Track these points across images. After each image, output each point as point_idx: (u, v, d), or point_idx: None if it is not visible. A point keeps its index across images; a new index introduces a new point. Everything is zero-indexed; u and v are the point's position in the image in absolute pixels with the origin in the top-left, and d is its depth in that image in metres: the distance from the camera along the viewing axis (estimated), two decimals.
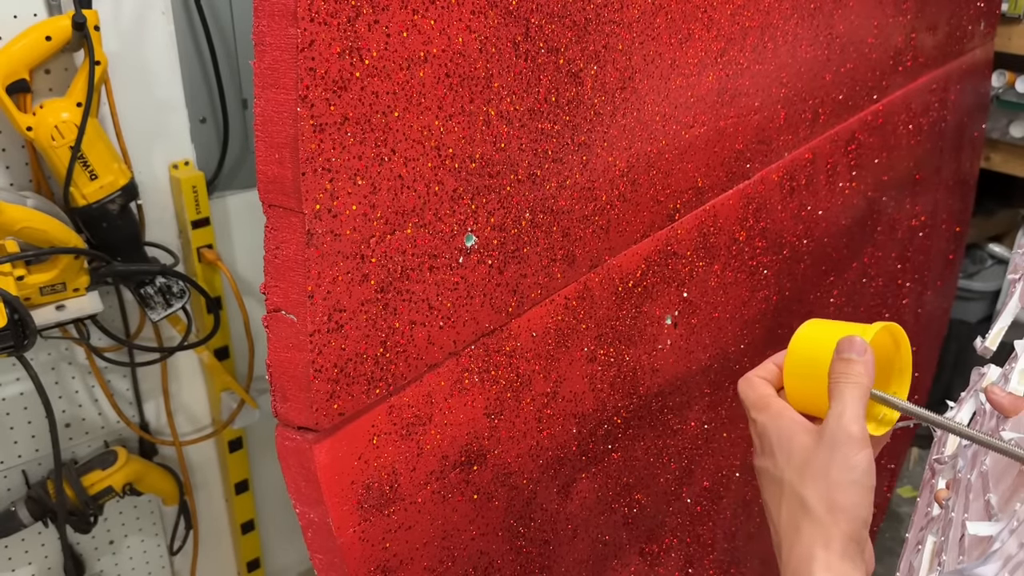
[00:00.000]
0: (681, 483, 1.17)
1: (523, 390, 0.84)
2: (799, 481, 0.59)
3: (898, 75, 1.53)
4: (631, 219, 0.94)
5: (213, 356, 1.56)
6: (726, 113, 1.05)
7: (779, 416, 0.63)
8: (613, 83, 0.84)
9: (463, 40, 0.66)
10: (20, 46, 1.16)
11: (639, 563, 1.12)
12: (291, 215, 0.59)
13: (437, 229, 0.69)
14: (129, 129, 1.34)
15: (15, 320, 1.13)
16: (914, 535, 0.87)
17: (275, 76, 0.56)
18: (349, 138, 0.59)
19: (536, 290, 0.83)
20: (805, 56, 1.20)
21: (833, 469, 0.58)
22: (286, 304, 0.62)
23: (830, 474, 0.58)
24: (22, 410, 1.39)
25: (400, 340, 0.69)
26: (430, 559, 0.78)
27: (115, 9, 1.29)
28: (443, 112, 0.66)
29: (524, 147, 0.75)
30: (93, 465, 1.42)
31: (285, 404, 0.65)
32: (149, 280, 1.36)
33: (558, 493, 0.93)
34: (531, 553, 0.91)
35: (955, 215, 2.08)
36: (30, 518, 1.37)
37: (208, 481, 1.71)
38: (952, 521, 0.71)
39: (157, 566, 1.66)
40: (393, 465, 0.71)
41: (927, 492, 0.89)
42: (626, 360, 0.99)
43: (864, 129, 1.45)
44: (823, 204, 1.38)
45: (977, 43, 1.91)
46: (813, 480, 0.58)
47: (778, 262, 1.28)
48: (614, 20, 0.82)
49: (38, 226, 1.20)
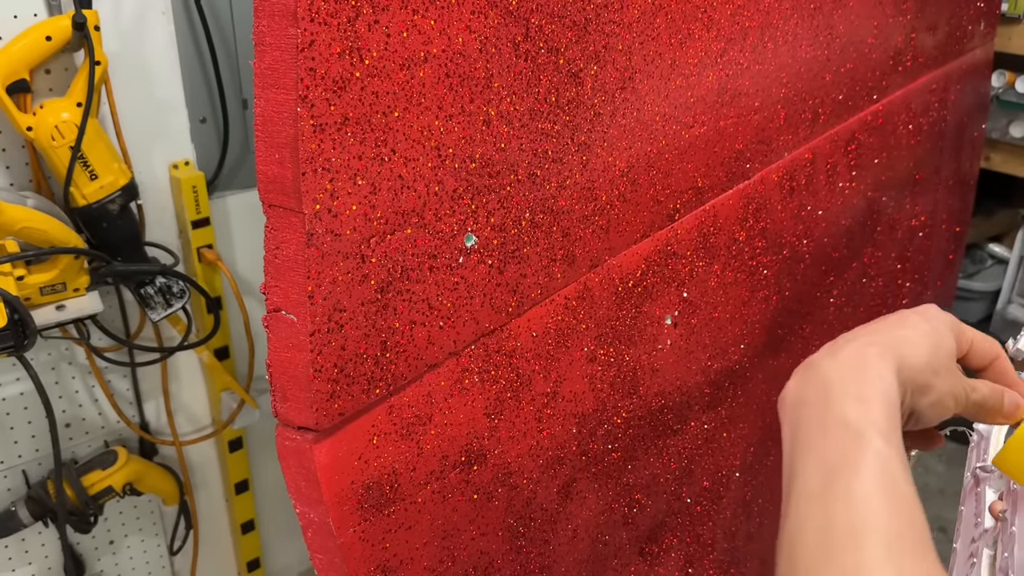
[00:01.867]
0: (681, 483, 1.17)
1: (523, 390, 0.84)
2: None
3: (898, 75, 1.53)
4: (631, 219, 0.94)
5: (213, 356, 1.56)
6: (726, 113, 1.05)
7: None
8: (613, 83, 0.84)
9: (463, 40, 0.66)
10: (20, 46, 1.16)
11: (639, 563, 1.12)
12: (291, 215, 0.59)
13: (437, 229, 0.69)
14: (129, 129, 1.34)
15: (15, 320, 1.13)
16: (964, 547, 0.85)
17: (275, 76, 0.56)
18: (349, 138, 0.59)
19: (536, 290, 0.83)
20: (805, 56, 1.20)
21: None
22: (286, 304, 0.62)
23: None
24: (22, 410, 1.39)
25: (400, 340, 0.69)
26: (430, 559, 0.78)
27: (115, 9, 1.29)
28: (443, 112, 0.66)
29: (524, 147, 0.75)
30: (93, 465, 1.42)
31: (285, 404, 0.65)
32: (149, 280, 1.36)
33: (558, 493, 0.93)
34: (531, 553, 0.91)
35: (955, 215, 2.08)
36: (30, 518, 1.37)
37: (208, 481, 1.71)
38: (1014, 536, 0.70)
39: (157, 566, 1.66)
40: (393, 465, 0.71)
41: (972, 500, 0.87)
42: (626, 360, 0.99)
43: (864, 129, 1.45)
44: (823, 204, 1.38)
45: (977, 43, 1.91)
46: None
47: (778, 262, 1.28)
48: (614, 20, 0.82)
49: (38, 226, 1.20)
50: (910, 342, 0.54)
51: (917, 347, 0.53)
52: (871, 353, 0.52)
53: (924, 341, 0.54)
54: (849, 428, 0.48)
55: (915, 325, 0.55)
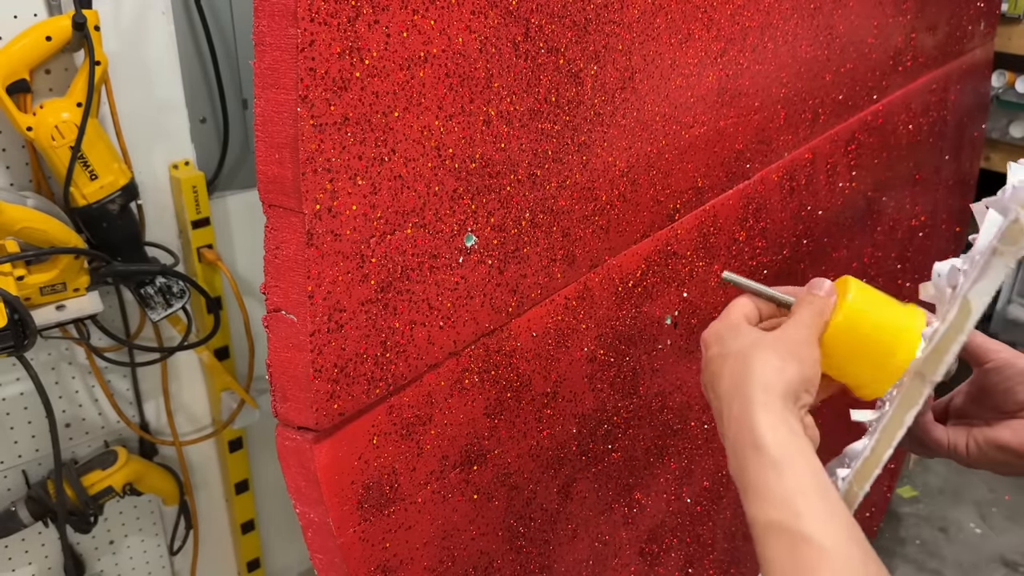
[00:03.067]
0: (681, 483, 1.17)
1: (523, 390, 0.84)
2: (747, 348, 0.61)
3: (898, 75, 1.53)
4: (631, 219, 0.94)
5: (213, 356, 1.56)
6: (726, 113, 1.05)
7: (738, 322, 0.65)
8: (613, 83, 0.84)
9: (463, 40, 0.66)
10: (20, 46, 1.16)
11: (639, 563, 1.12)
12: (291, 215, 0.59)
13: (437, 229, 0.69)
14: (129, 129, 1.33)
15: (15, 320, 1.12)
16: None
17: (275, 76, 0.56)
18: (349, 138, 0.59)
19: (536, 290, 0.83)
20: (805, 56, 1.20)
21: (782, 342, 0.60)
22: (286, 304, 0.62)
23: (777, 344, 0.60)
24: (22, 410, 1.39)
25: (400, 340, 0.69)
26: (430, 559, 0.78)
27: (115, 9, 1.29)
28: (443, 112, 0.66)
29: (524, 147, 0.75)
30: (93, 465, 1.42)
31: (285, 404, 0.65)
32: (149, 280, 1.36)
33: (558, 493, 0.93)
34: (531, 553, 0.91)
35: (955, 215, 2.08)
36: (30, 518, 1.37)
37: (208, 481, 1.71)
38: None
39: (157, 566, 1.66)
40: (393, 465, 0.71)
41: None
42: (626, 360, 0.99)
43: (864, 129, 1.45)
44: (823, 204, 1.38)
45: (977, 43, 1.91)
46: (758, 347, 0.60)
47: (778, 262, 1.28)
48: (614, 20, 0.82)
49: (38, 226, 1.20)
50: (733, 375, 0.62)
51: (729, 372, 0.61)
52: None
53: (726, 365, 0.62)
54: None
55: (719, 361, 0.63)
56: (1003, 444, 0.65)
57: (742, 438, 0.56)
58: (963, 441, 0.67)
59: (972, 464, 0.68)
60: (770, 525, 0.53)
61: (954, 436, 0.68)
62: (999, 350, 0.68)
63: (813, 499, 0.52)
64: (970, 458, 0.67)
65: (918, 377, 0.58)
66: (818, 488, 0.53)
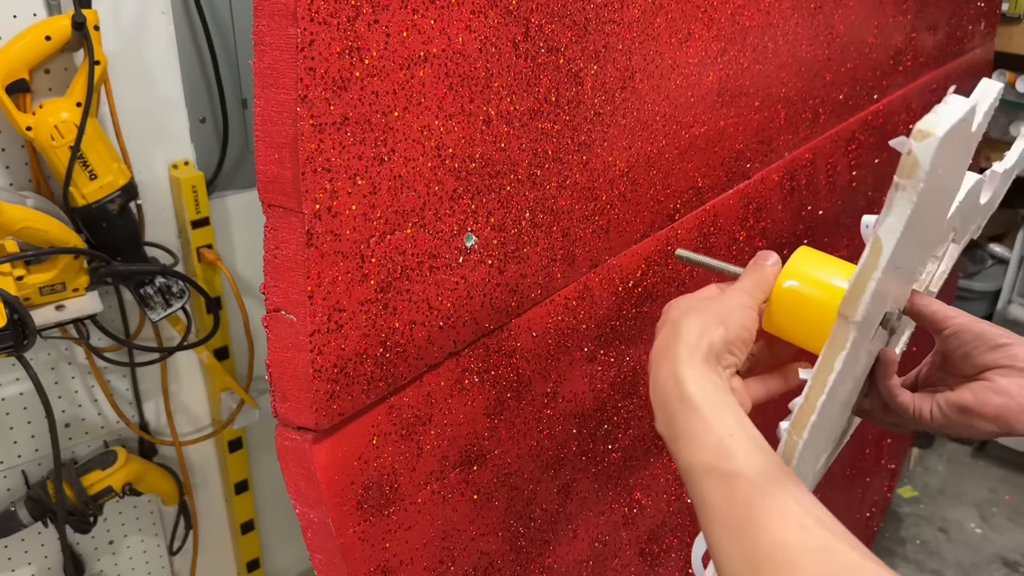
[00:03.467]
0: (681, 483, 1.17)
1: (523, 390, 0.84)
2: (679, 316, 0.64)
3: (898, 75, 1.53)
4: (631, 219, 0.94)
5: (213, 356, 1.56)
6: (726, 113, 1.05)
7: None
8: (613, 83, 0.84)
9: (463, 40, 0.66)
10: (20, 46, 1.16)
11: (639, 563, 1.12)
12: (291, 215, 0.59)
13: (437, 229, 0.69)
14: (129, 129, 1.33)
15: (15, 320, 1.12)
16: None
17: (275, 76, 0.56)
18: (349, 138, 0.59)
19: (536, 290, 0.83)
20: (805, 56, 1.20)
21: (710, 308, 0.63)
22: (286, 304, 0.62)
23: (706, 310, 0.63)
24: (22, 410, 1.39)
25: (400, 340, 0.69)
26: (430, 559, 0.78)
27: (115, 9, 1.29)
28: (443, 112, 0.66)
29: (524, 147, 0.75)
30: (93, 465, 1.42)
31: (285, 404, 0.65)
32: (149, 280, 1.36)
33: (558, 493, 0.93)
34: (531, 553, 0.91)
35: None
36: (30, 518, 1.37)
37: (208, 481, 1.71)
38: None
39: (157, 566, 1.66)
40: (393, 465, 0.71)
41: None
42: (626, 360, 0.99)
43: (864, 129, 1.45)
44: (823, 204, 1.38)
45: (977, 43, 1.91)
46: (688, 313, 0.63)
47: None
48: (614, 20, 0.82)
49: (38, 226, 1.20)
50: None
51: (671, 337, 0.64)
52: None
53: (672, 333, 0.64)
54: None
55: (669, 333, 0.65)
56: (965, 406, 0.66)
57: (668, 392, 0.59)
58: (928, 407, 0.69)
59: (938, 429, 0.69)
60: (703, 467, 0.55)
61: (919, 402, 0.69)
62: (955, 316, 0.69)
63: (741, 439, 0.55)
64: (935, 423, 0.69)
65: (841, 318, 0.58)
66: (744, 429, 0.56)
